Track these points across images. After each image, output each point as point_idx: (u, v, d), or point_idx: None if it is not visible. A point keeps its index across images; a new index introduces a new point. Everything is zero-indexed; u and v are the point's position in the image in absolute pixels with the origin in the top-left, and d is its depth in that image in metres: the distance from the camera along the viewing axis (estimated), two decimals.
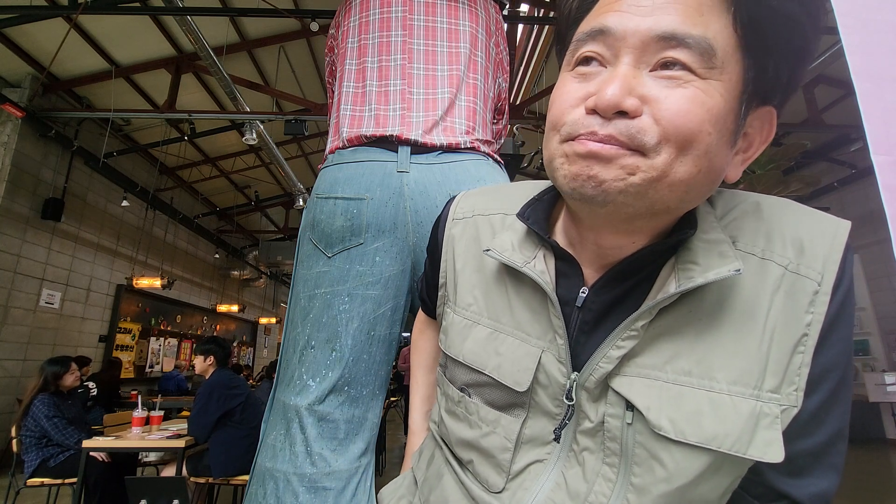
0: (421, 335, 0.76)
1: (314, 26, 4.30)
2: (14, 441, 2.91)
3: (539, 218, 0.49)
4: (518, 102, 5.71)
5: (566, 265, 0.46)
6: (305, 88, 6.35)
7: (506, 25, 3.41)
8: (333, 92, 1.26)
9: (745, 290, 0.39)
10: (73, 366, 3.11)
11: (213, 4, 4.53)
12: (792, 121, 5.62)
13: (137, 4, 4.41)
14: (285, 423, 0.96)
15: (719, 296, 0.39)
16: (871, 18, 0.56)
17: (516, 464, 0.45)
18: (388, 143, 1.07)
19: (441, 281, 0.57)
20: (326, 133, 1.21)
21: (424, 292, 0.67)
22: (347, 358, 0.97)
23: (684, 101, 0.36)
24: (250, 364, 11.66)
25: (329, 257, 1.01)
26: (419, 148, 1.06)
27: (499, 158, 1.17)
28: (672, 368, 0.39)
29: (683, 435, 0.37)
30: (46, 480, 2.74)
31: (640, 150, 0.36)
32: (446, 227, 0.58)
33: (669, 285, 0.39)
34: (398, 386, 7.53)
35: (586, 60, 0.40)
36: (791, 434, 0.38)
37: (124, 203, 6.55)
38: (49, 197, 5.43)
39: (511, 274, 0.49)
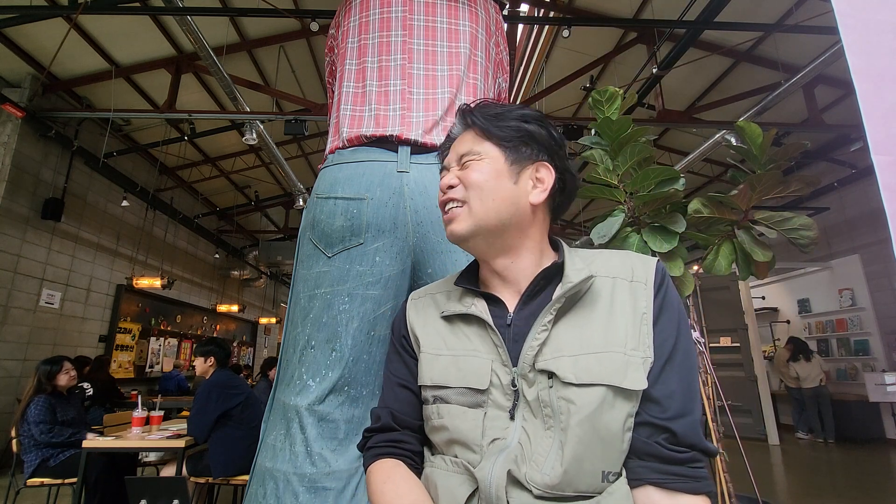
0: (389, 480, 0.66)
1: (314, 26, 4.30)
2: (14, 441, 2.91)
3: (470, 279, 0.77)
4: (518, 102, 5.70)
5: (494, 303, 0.71)
6: (305, 88, 6.35)
7: (506, 25, 3.41)
8: (333, 92, 1.26)
9: (607, 295, 0.67)
10: (67, 364, 3.09)
11: (213, 4, 4.53)
12: (792, 121, 5.62)
13: (137, 4, 4.41)
14: (285, 423, 0.96)
15: (593, 301, 0.66)
16: (871, 18, 0.56)
17: (484, 444, 0.63)
18: (389, 143, 1.06)
19: (412, 336, 0.78)
20: (326, 133, 1.21)
21: (403, 369, 0.77)
22: (347, 358, 0.97)
23: (472, 173, 0.71)
24: (250, 364, 11.65)
25: (329, 257, 1.01)
26: (419, 148, 1.06)
27: None
28: (571, 345, 0.63)
29: (581, 379, 0.60)
30: (46, 480, 2.74)
31: (463, 201, 0.71)
32: (407, 308, 0.81)
33: (558, 294, 0.66)
34: None
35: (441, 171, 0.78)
36: (652, 381, 0.61)
37: (124, 203, 6.56)
38: (49, 197, 5.43)
39: (462, 319, 0.72)
